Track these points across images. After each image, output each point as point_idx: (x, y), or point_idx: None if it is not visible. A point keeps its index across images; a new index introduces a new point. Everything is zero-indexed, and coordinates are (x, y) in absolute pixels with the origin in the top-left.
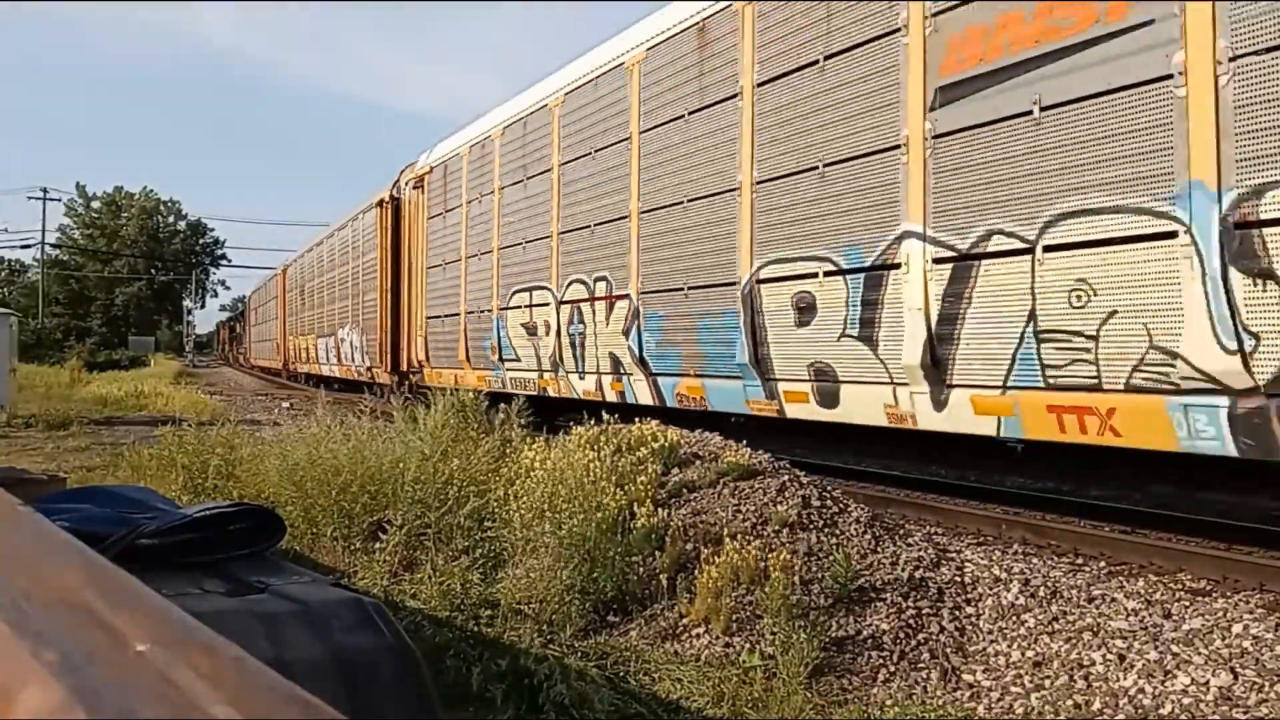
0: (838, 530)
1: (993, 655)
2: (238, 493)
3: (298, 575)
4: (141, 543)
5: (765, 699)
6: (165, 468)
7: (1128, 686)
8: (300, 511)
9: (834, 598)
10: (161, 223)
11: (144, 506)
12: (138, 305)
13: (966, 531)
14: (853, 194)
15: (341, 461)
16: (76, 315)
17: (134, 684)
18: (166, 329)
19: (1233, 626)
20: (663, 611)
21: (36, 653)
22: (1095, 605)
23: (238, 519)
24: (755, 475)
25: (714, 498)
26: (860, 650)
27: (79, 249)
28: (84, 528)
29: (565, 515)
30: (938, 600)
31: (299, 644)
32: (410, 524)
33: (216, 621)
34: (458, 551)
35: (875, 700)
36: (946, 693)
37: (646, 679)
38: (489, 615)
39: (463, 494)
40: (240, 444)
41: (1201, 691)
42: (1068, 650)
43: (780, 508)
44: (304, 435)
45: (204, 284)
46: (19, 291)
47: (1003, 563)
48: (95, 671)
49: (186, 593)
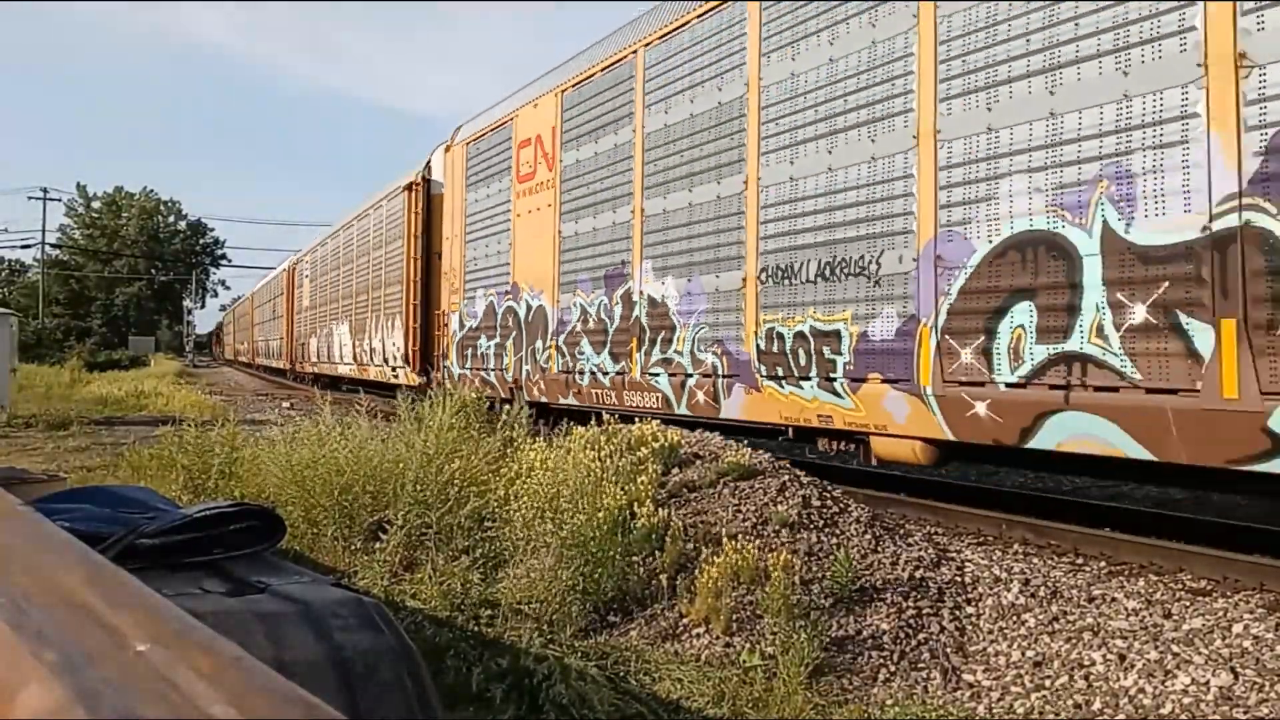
0: (838, 530)
1: (993, 655)
2: (238, 492)
3: (298, 575)
4: (141, 543)
5: (765, 699)
6: (165, 468)
7: (1128, 686)
8: (301, 511)
9: (834, 598)
10: (161, 223)
11: (144, 506)
12: (138, 305)
13: (967, 531)
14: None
15: (343, 461)
16: (77, 315)
17: (134, 684)
18: (166, 329)
19: (1233, 626)
20: (663, 611)
21: (36, 653)
22: (1095, 605)
23: (238, 519)
24: (755, 475)
25: (714, 498)
26: (860, 650)
27: (79, 249)
28: (84, 528)
29: (566, 515)
30: (938, 600)
31: (299, 644)
32: (411, 524)
33: (216, 621)
34: (458, 551)
35: (875, 700)
36: (947, 692)
37: (647, 679)
38: (489, 615)
39: (463, 494)
40: (241, 444)
41: (1202, 691)
42: (1068, 650)
43: (780, 507)
44: (306, 435)
45: (204, 284)
46: (19, 291)
47: (1003, 563)
48: (95, 671)
49: (186, 593)
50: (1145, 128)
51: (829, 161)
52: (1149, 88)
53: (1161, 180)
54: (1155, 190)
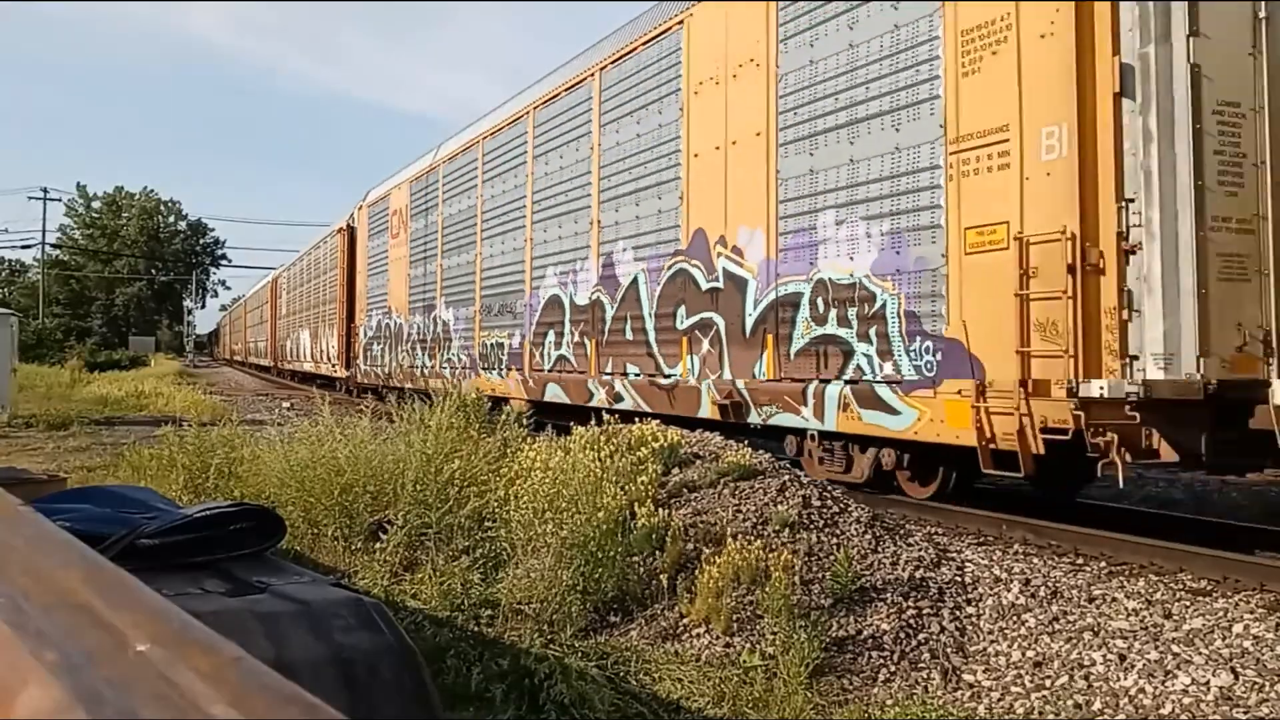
0: (838, 530)
1: (993, 655)
2: (238, 492)
3: (298, 575)
4: (141, 543)
5: (766, 699)
6: (166, 468)
7: (1128, 686)
8: (301, 511)
9: (834, 598)
10: (161, 223)
11: (144, 506)
12: (138, 305)
13: (967, 531)
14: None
15: (343, 461)
16: (77, 315)
17: (134, 684)
18: (167, 329)
19: (1233, 626)
20: (663, 611)
21: (36, 653)
22: (1095, 605)
23: (238, 519)
24: (756, 475)
25: (714, 498)
26: (861, 650)
27: (79, 249)
28: (84, 528)
29: (567, 515)
30: (938, 600)
31: (299, 644)
32: (411, 524)
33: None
34: (458, 551)
35: (876, 700)
36: (947, 693)
37: (647, 679)
38: (489, 615)
39: (463, 494)
40: (241, 444)
41: (1202, 691)
42: (1068, 650)
43: (781, 508)
44: (306, 435)
45: (204, 284)
46: (19, 291)
47: (1003, 563)
48: (95, 671)
49: (186, 593)
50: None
51: (501, 247)
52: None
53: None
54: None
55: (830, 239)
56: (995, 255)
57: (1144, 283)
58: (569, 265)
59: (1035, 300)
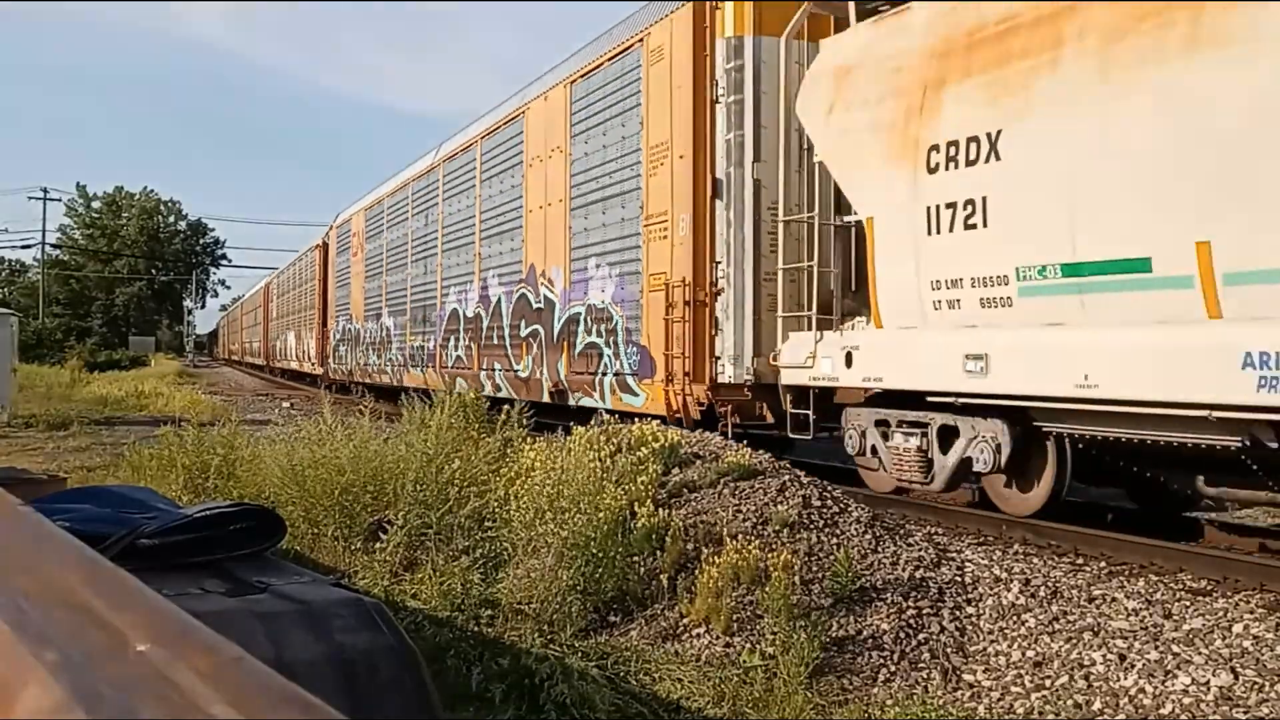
0: (838, 530)
1: (993, 655)
2: (238, 493)
3: (298, 575)
4: (141, 543)
5: (766, 699)
6: (165, 468)
7: (1128, 686)
8: (301, 511)
9: (834, 598)
10: (161, 223)
11: (144, 506)
12: (138, 305)
13: (967, 531)
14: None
15: (344, 461)
16: (77, 315)
17: (134, 684)
18: (167, 329)
19: (1233, 626)
20: (663, 611)
21: (36, 653)
22: (1095, 605)
23: (238, 519)
24: (755, 475)
25: (714, 498)
26: (861, 650)
27: (79, 249)
28: (84, 528)
29: (567, 515)
30: (938, 600)
31: (299, 644)
32: (411, 524)
33: (216, 621)
34: (458, 551)
35: (876, 700)
36: (947, 693)
37: (647, 679)
38: (489, 615)
39: (463, 494)
40: (241, 444)
41: (1202, 691)
42: (1068, 650)
43: (781, 508)
44: (307, 435)
45: (204, 284)
46: (19, 291)
47: (1003, 563)
48: (95, 671)
49: (186, 593)
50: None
51: (423, 269)
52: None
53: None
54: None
55: (594, 277)
56: (659, 293)
57: (725, 311)
58: (463, 286)
59: (673, 322)
